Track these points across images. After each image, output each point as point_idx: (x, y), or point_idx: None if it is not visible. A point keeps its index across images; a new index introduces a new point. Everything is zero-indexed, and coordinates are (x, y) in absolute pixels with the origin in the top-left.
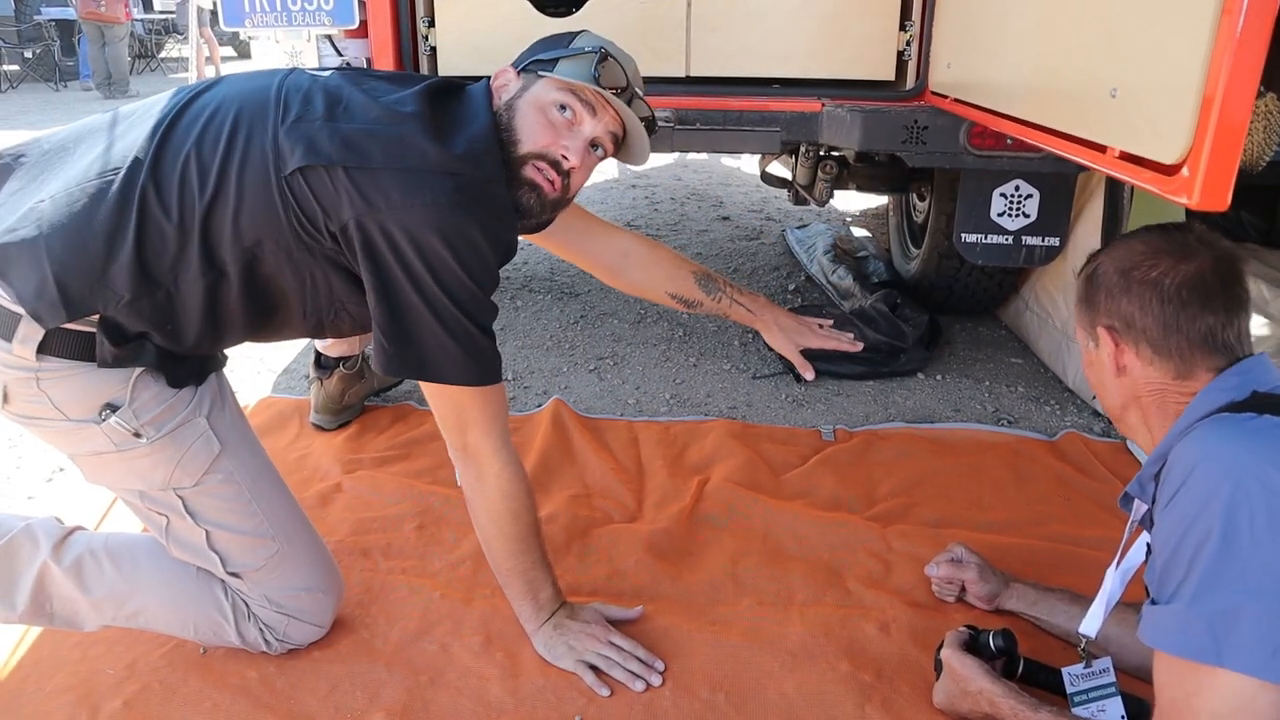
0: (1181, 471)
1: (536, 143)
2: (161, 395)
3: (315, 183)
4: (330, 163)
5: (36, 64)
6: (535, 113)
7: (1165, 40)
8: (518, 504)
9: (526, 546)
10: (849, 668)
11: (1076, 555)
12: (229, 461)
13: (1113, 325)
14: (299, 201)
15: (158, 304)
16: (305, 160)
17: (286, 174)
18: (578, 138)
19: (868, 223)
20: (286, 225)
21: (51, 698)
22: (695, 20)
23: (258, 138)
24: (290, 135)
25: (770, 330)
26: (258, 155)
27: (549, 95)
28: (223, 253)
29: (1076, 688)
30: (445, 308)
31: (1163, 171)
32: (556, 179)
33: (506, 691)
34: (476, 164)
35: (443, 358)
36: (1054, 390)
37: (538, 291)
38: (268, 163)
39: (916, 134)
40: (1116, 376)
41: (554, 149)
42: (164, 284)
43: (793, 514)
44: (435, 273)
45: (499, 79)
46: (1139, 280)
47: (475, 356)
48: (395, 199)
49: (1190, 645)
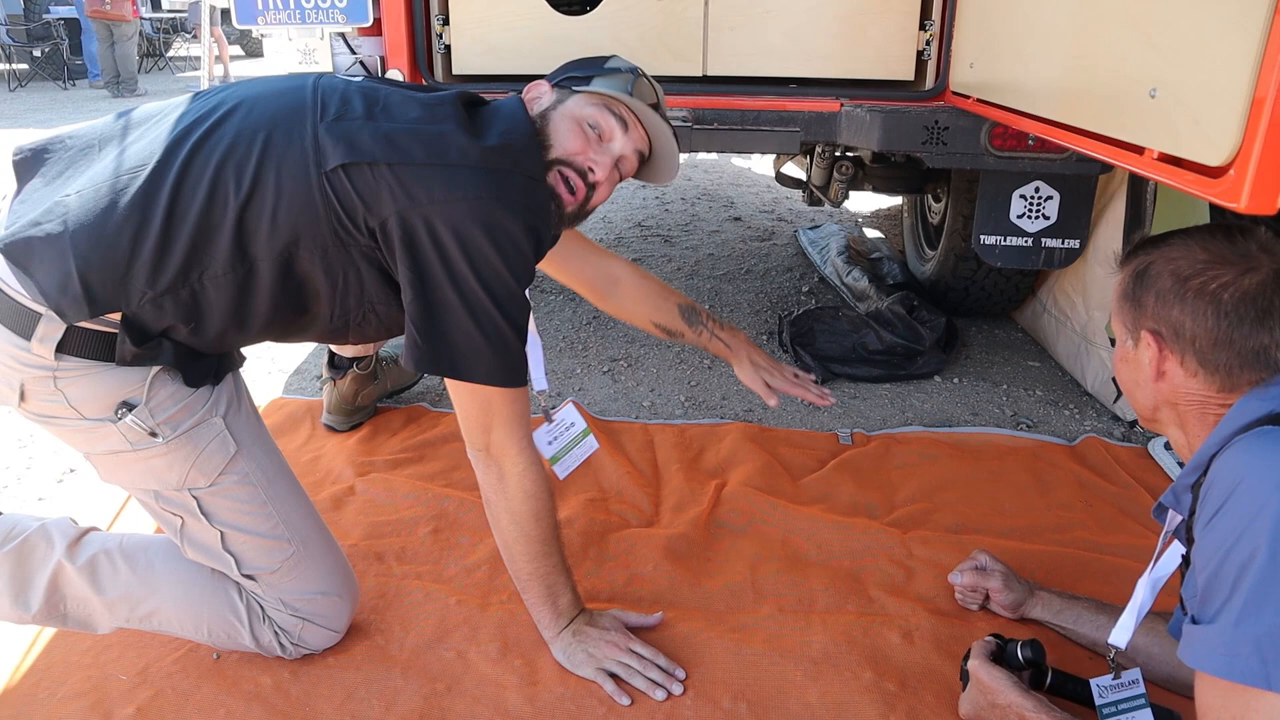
0: (1225, 488)
1: (567, 150)
2: (178, 394)
3: (357, 179)
4: (374, 160)
5: (45, 62)
6: (569, 123)
7: (1213, 39)
8: (540, 505)
9: (548, 550)
10: (872, 676)
11: (1100, 562)
12: (245, 463)
13: (1159, 330)
14: (339, 197)
15: (182, 301)
16: (348, 157)
17: (328, 169)
18: (607, 154)
19: (880, 224)
20: (325, 222)
21: (64, 703)
22: (713, 20)
23: (297, 135)
24: (331, 133)
25: (743, 365)
26: (297, 152)
27: (583, 110)
28: (256, 249)
29: (1106, 699)
30: (482, 305)
31: (1207, 174)
32: (581, 187)
33: (525, 700)
34: (516, 160)
35: (475, 357)
36: (1073, 394)
37: (549, 292)
38: (308, 159)
39: (937, 134)
40: (1154, 381)
41: (583, 159)
42: (190, 281)
43: (811, 519)
44: (476, 268)
45: (532, 91)
46: (1196, 290)
47: (506, 356)
48: (439, 194)
49: (1237, 668)
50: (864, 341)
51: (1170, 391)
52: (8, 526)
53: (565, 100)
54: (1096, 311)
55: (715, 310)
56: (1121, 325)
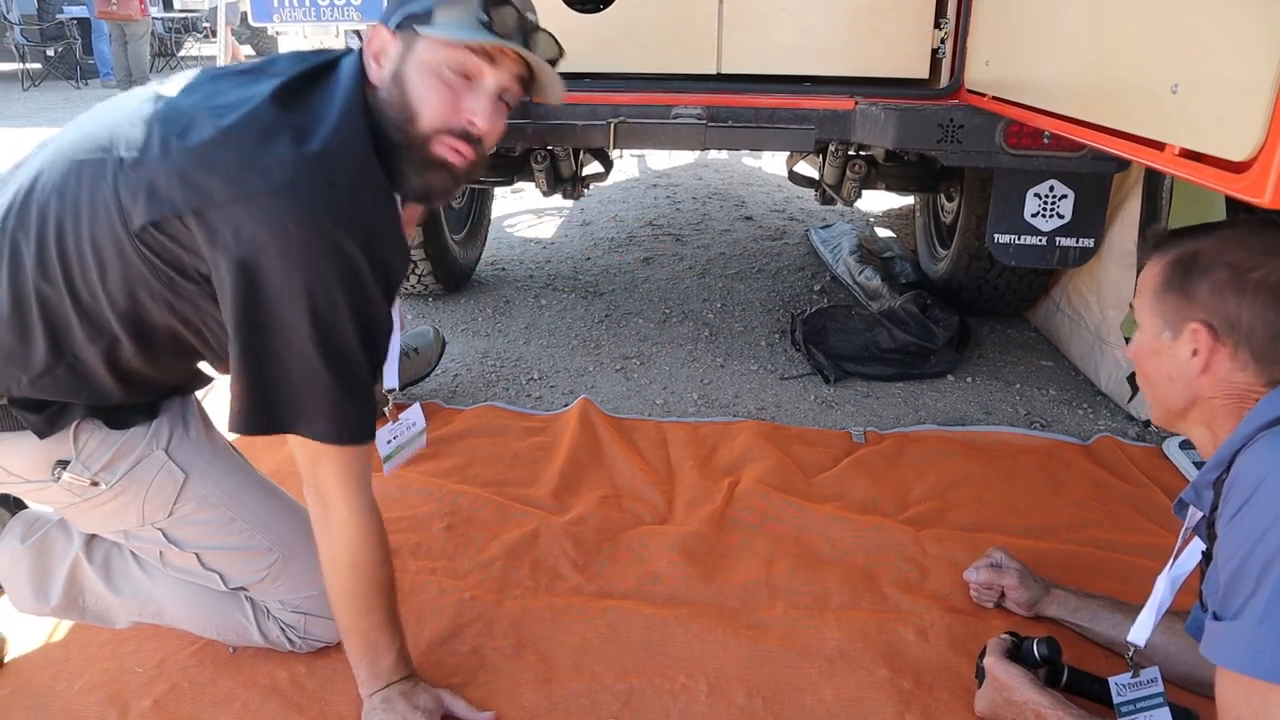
0: (1250, 483)
1: (437, 115)
2: (108, 441)
3: (169, 231)
4: (176, 211)
5: (58, 62)
6: (426, 79)
7: (1236, 33)
8: (362, 557)
9: (368, 606)
10: (887, 674)
11: (1115, 561)
12: (199, 487)
13: (1211, 322)
14: (159, 254)
15: (60, 379)
16: (149, 215)
17: (136, 230)
18: (481, 94)
19: (892, 222)
20: (156, 279)
21: (81, 695)
22: (727, 17)
23: (100, 195)
24: (129, 185)
25: None
26: (103, 215)
27: (437, 55)
28: (104, 319)
29: (1124, 698)
30: (312, 346)
31: (1230, 169)
32: (467, 148)
33: (540, 695)
34: (337, 163)
35: (305, 405)
36: (1086, 393)
37: (561, 290)
38: (114, 220)
39: (952, 132)
40: (1199, 374)
41: (458, 119)
42: (64, 359)
43: (825, 517)
44: (314, 309)
45: (373, 44)
46: (1256, 282)
47: (344, 405)
48: (247, 233)
49: (1261, 664)
50: (877, 340)
51: (1212, 385)
52: (30, 521)
53: (414, 47)
54: (1111, 310)
55: (728, 309)
56: (1158, 317)
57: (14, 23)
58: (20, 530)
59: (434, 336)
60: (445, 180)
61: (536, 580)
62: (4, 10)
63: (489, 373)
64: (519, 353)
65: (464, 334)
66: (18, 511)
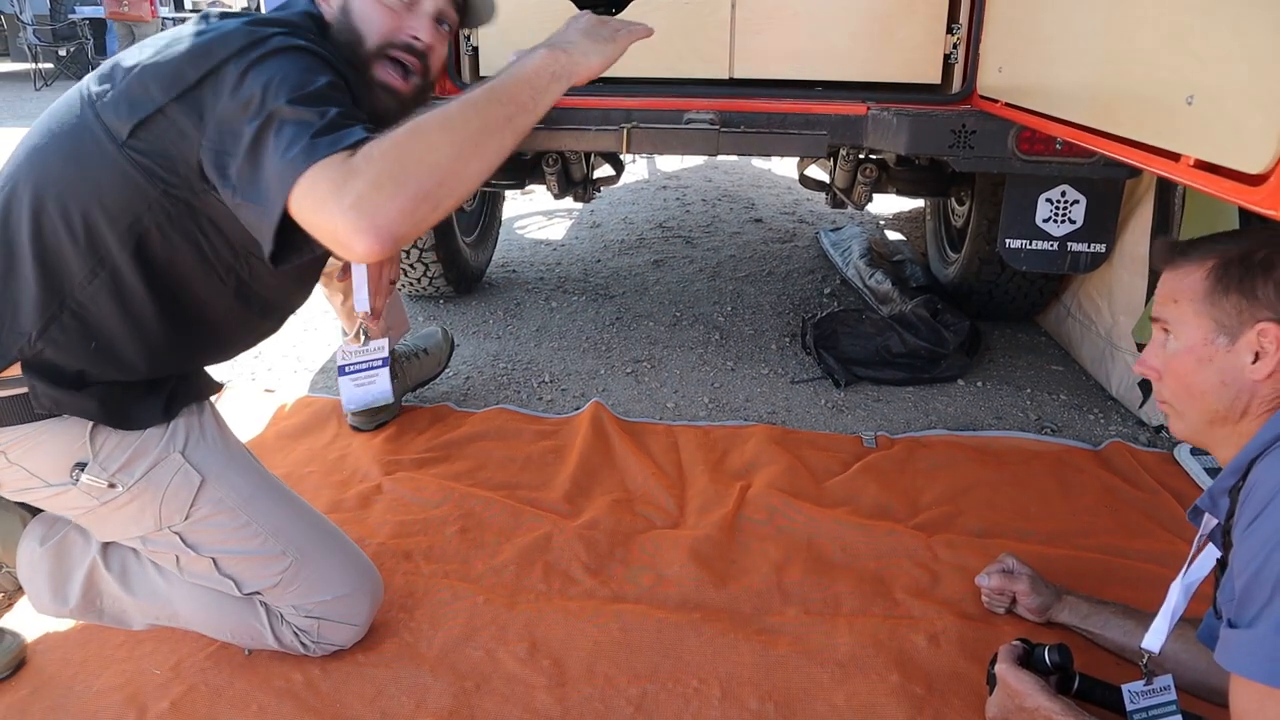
0: (1266, 491)
1: (380, 32)
2: (125, 442)
3: (156, 131)
4: (157, 105)
5: (70, 62)
6: (369, 5)
7: (1253, 44)
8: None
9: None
10: (899, 679)
11: (1127, 568)
12: (215, 490)
13: None
14: (152, 158)
15: (67, 327)
16: (134, 117)
17: (124, 140)
18: (421, 15)
19: (902, 226)
20: (154, 189)
21: (99, 696)
22: (739, 22)
23: (84, 129)
24: (108, 107)
25: None
26: (91, 143)
27: None
28: (106, 245)
29: (1137, 705)
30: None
31: (1246, 181)
32: (414, 62)
33: (554, 699)
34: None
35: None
36: (1097, 399)
37: (572, 293)
38: (102, 143)
39: (964, 138)
40: (1263, 378)
41: (400, 33)
42: (66, 303)
43: (837, 522)
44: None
45: None
46: None
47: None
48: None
49: (1277, 672)
50: (887, 344)
51: (1272, 387)
52: (49, 523)
53: None
54: (1122, 316)
55: (738, 312)
56: (1210, 320)
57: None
58: (40, 532)
59: (442, 337)
60: (391, 103)
61: (549, 584)
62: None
63: (500, 375)
64: (530, 355)
65: (475, 336)
66: (37, 514)
